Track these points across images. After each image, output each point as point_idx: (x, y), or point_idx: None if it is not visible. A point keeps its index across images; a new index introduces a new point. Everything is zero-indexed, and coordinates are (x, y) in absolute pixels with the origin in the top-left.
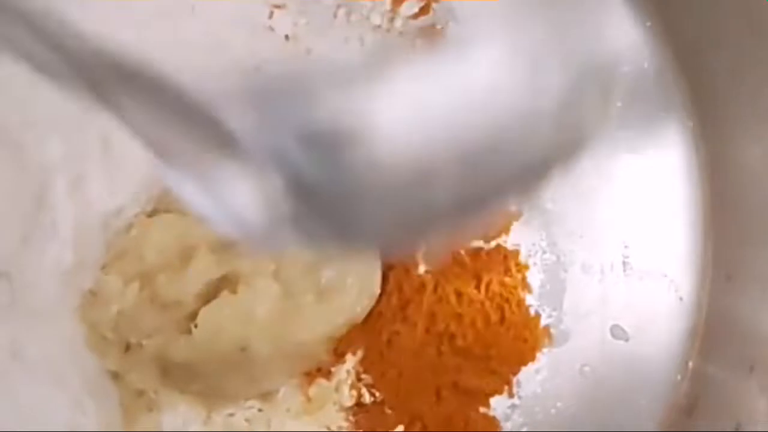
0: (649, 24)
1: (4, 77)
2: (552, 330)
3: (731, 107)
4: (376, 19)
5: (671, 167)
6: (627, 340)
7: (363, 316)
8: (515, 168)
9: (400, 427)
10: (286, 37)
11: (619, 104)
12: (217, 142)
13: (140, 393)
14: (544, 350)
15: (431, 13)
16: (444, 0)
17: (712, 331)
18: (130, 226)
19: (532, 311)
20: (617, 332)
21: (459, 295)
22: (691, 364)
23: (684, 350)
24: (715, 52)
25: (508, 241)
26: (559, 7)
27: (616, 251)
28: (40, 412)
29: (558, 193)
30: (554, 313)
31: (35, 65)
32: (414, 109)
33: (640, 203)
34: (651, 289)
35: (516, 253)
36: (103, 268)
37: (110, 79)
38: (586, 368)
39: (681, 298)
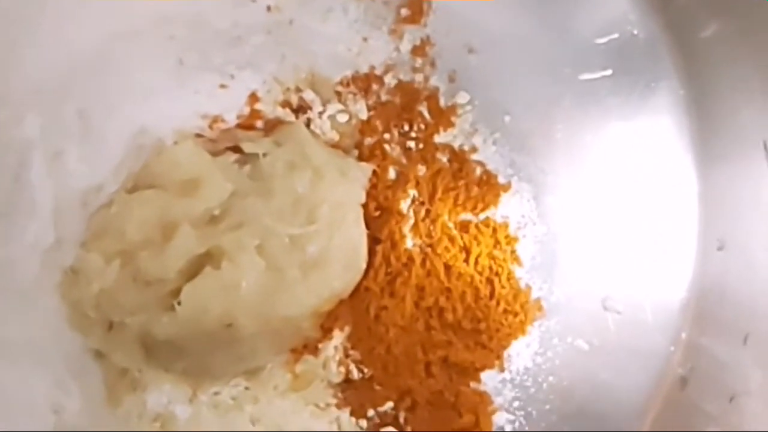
0: None
1: None
2: (543, 303)
3: (722, 75)
4: None
5: (663, 135)
6: (619, 311)
7: (349, 290)
8: None
9: (390, 404)
10: (268, 8)
11: (609, 72)
12: None
13: (124, 372)
14: (536, 323)
15: None
16: None
17: (705, 302)
18: (110, 203)
19: (522, 284)
20: (609, 304)
21: (448, 268)
22: (684, 335)
23: (677, 321)
24: (705, 19)
25: (497, 213)
26: None
27: (607, 222)
28: (21, 392)
29: (548, 164)
30: (545, 286)
31: None
32: None
33: (631, 172)
34: (643, 260)
35: (505, 225)
36: (84, 245)
37: None
38: (579, 341)
39: (673, 269)
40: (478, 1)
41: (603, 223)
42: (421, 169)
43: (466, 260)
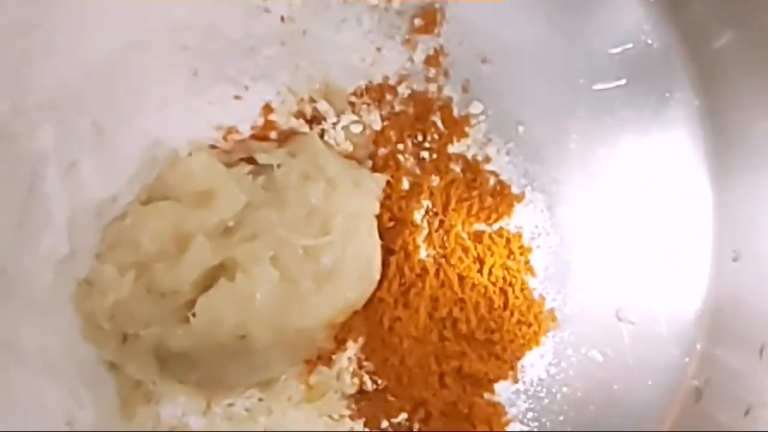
0: (652, 0)
1: None
2: (557, 313)
3: (737, 85)
4: None
5: (677, 146)
6: (633, 322)
7: (363, 301)
8: None
9: (404, 415)
10: (282, 18)
11: (623, 82)
12: None
13: (138, 384)
14: (549, 334)
15: None
16: None
17: (720, 313)
18: (124, 214)
19: (536, 295)
20: (624, 315)
21: (462, 279)
22: (699, 346)
23: (692, 333)
24: (720, 30)
25: (511, 223)
26: None
27: (621, 232)
28: (35, 404)
29: (562, 174)
30: (559, 296)
31: None
32: None
33: (645, 182)
34: (657, 270)
35: (519, 235)
36: (98, 256)
37: None
38: (593, 352)
39: (688, 280)
40: (491, 12)
41: (617, 233)
42: (435, 180)
43: (480, 271)
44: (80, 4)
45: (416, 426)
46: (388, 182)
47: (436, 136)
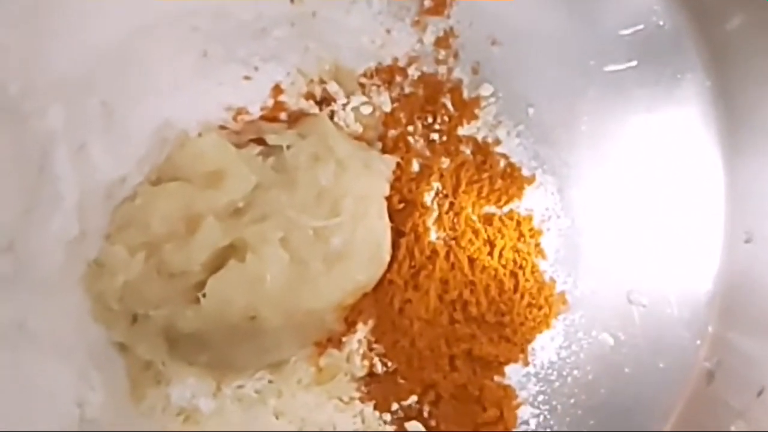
0: None
1: (4, 44)
2: (567, 296)
3: (749, 66)
4: None
5: (689, 126)
6: (644, 305)
7: (373, 283)
8: None
9: (414, 398)
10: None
11: (634, 64)
12: None
13: (148, 365)
14: (560, 317)
15: None
16: None
17: (732, 295)
18: (134, 195)
19: (546, 277)
20: (634, 297)
21: (472, 261)
22: (710, 328)
23: (703, 315)
24: (731, 11)
25: (521, 206)
26: None
27: (632, 214)
28: (46, 385)
29: (572, 156)
30: (569, 279)
31: None
32: None
33: (656, 164)
34: (668, 252)
35: (529, 218)
36: (108, 237)
37: None
38: (604, 335)
39: (700, 262)
40: None
41: (628, 215)
42: (445, 162)
43: (490, 253)
44: None
45: (426, 408)
46: (398, 164)
47: (446, 118)
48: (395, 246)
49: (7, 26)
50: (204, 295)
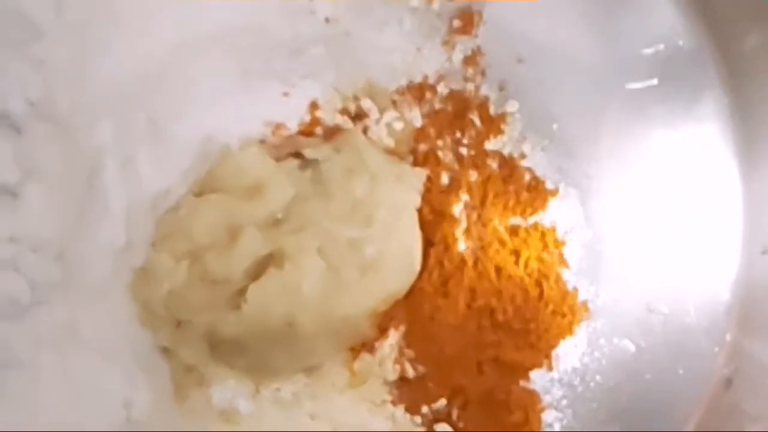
0: (683, 1)
1: (55, 61)
2: (590, 304)
3: (766, 83)
4: (414, 1)
5: (707, 143)
6: (664, 313)
7: (405, 291)
8: None
9: (443, 401)
10: (327, 20)
11: (655, 81)
12: None
13: (190, 368)
14: (583, 324)
15: None
16: None
17: (750, 305)
18: (178, 206)
19: (570, 286)
20: (655, 306)
21: (498, 270)
22: (728, 336)
23: (721, 323)
24: (749, 30)
25: (546, 217)
26: None
27: (653, 226)
28: (95, 387)
29: (595, 170)
30: (592, 288)
31: None
32: None
33: (676, 178)
34: (688, 263)
35: (553, 229)
36: (154, 246)
37: None
38: (625, 341)
39: (718, 273)
40: (527, 14)
41: (648, 227)
42: (473, 175)
43: (516, 263)
44: (137, 6)
45: (455, 411)
46: (428, 177)
47: (473, 133)
48: (426, 255)
49: (57, 44)
50: (245, 302)
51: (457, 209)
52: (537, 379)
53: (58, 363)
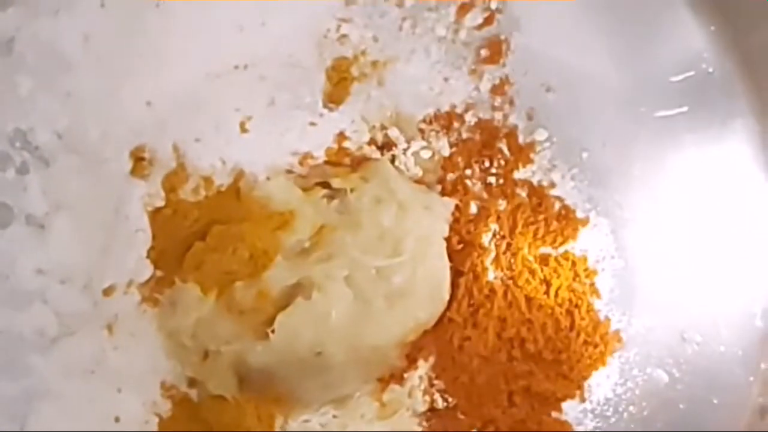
0: (713, 28)
1: (83, 92)
2: (622, 334)
3: None
4: (441, 31)
5: (738, 170)
6: (698, 342)
7: (433, 321)
8: None
9: None
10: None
11: (685, 109)
12: None
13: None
14: (615, 354)
15: (495, 23)
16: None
17: None
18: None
19: (601, 316)
20: (688, 335)
21: (529, 300)
22: (763, 365)
23: (755, 352)
24: None
25: (576, 247)
26: (623, 16)
27: (685, 255)
28: (120, 418)
29: (625, 199)
30: (624, 318)
31: None
32: None
33: (707, 206)
34: (720, 292)
35: (584, 258)
36: (181, 276)
37: None
38: (658, 371)
39: (751, 302)
40: (555, 42)
41: (680, 256)
42: (502, 204)
43: (547, 292)
44: (164, 37)
45: None
46: (456, 206)
47: (502, 162)
48: (454, 285)
49: (85, 76)
50: (273, 332)
51: (486, 238)
52: (569, 410)
53: (84, 392)
